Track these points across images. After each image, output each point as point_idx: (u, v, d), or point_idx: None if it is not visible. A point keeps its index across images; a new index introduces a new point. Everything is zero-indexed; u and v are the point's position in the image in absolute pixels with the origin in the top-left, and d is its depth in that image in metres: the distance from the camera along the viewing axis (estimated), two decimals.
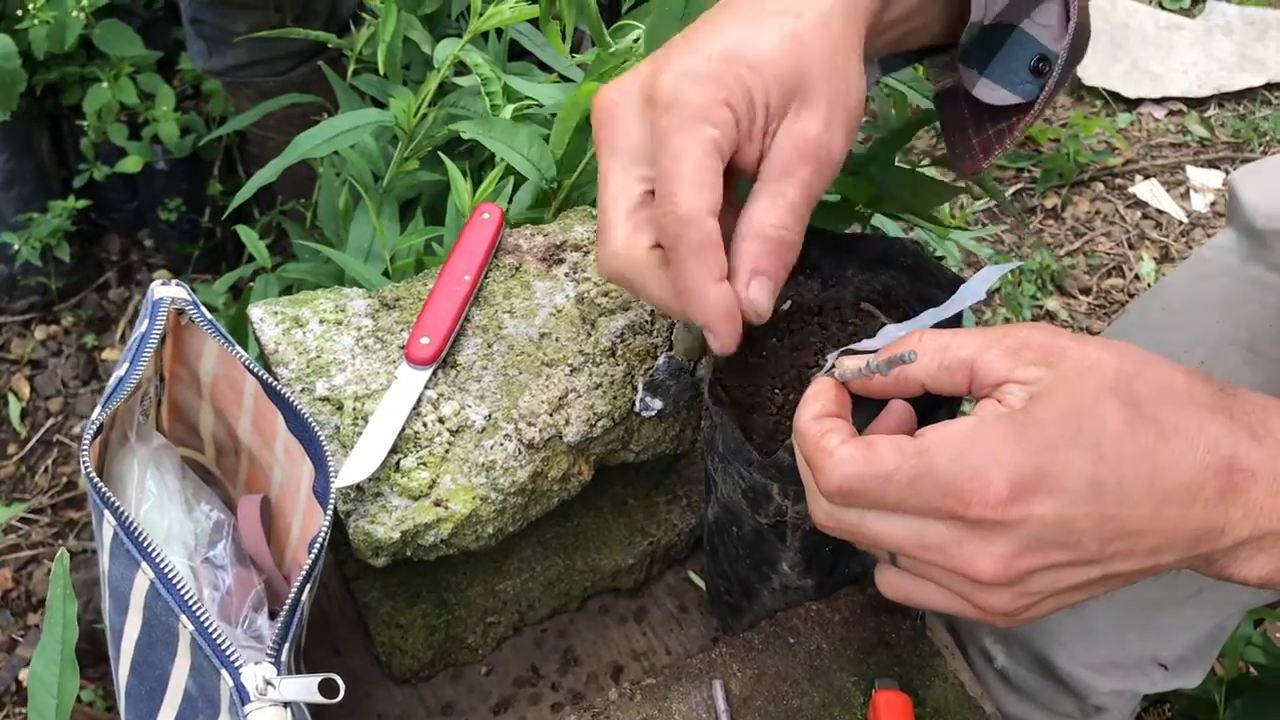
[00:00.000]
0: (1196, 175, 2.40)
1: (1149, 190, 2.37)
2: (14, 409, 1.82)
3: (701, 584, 0.85)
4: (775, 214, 0.59)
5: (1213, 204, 2.34)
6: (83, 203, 1.88)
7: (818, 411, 0.57)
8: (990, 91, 0.72)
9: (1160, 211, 2.33)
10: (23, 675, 1.54)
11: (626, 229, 0.60)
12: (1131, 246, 2.26)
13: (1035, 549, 0.52)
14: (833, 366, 0.60)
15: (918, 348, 0.56)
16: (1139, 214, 2.32)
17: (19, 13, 1.68)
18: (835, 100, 0.60)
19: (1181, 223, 2.30)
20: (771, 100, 0.59)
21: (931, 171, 1.17)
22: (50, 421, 1.83)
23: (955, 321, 0.63)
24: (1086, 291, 2.17)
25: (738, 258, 0.60)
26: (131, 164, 1.84)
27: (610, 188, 0.61)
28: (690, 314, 0.60)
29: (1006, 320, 2.07)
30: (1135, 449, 0.51)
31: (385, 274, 1.06)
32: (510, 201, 1.00)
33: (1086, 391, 0.52)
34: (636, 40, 0.97)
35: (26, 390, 1.86)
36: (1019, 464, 0.51)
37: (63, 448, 1.81)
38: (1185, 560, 0.55)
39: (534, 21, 1.08)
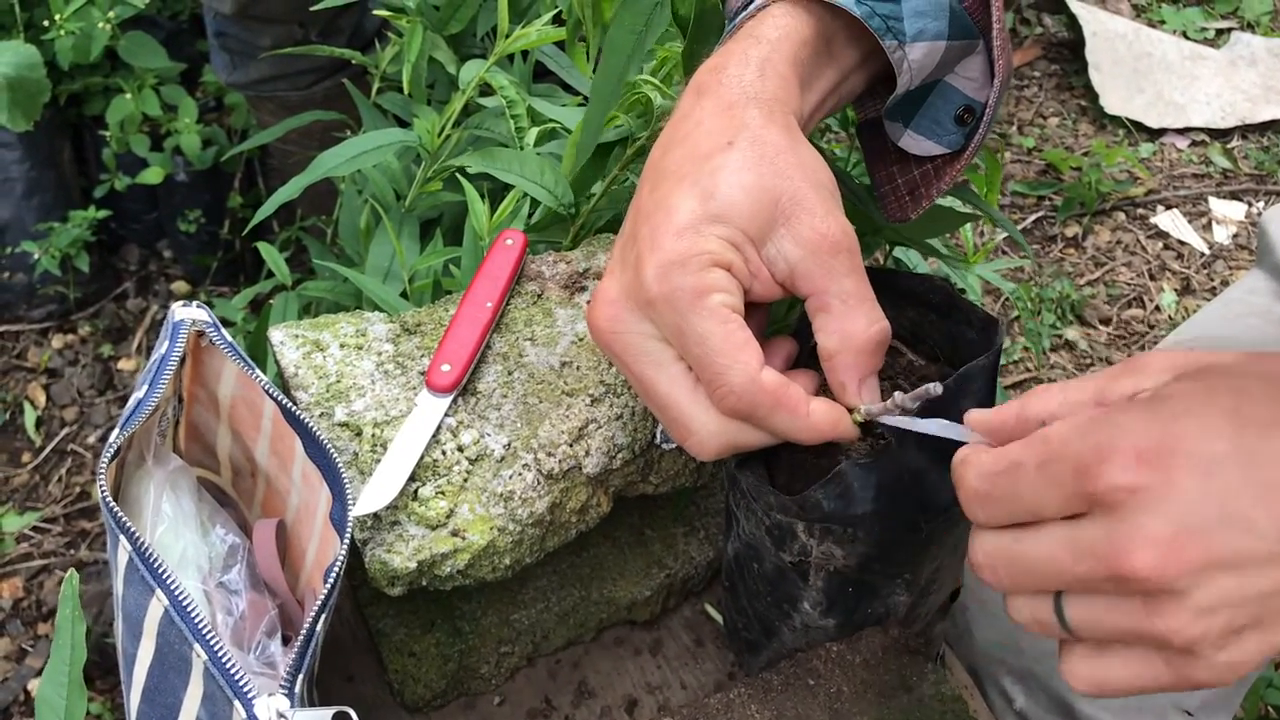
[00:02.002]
0: (1219, 207, 2.38)
1: (1171, 221, 2.35)
2: (29, 417, 1.83)
3: (718, 617, 0.84)
4: (854, 319, 0.60)
5: (1235, 236, 2.33)
6: (103, 213, 1.88)
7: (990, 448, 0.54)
8: (916, 143, 0.72)
9: (1182, 242, 2.31)
10: (32, 685, 1.53)
11: (699, 410, 0.61)
12: (1152, 277, 2.24)
13: (1192, 531, 0.45)
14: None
15: (1056, 400, 0.54)
16: (1160, 244, 2.31)
17: (45, 23, 1.69)
18: (806, 191, 0.60)
19: (1203, 254, 2.29)
20: (752, 235, 0.60)
21: (946, 200, 1.16)
22: (65, 431, 1.83)
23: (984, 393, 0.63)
24: (1107, 322, 2.16)
25: (843, 373, 0.61)
26: (153, 175, 1.85)
27: (662, 386, 0.61)
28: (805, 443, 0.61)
29: (1027, 350, 2.06)
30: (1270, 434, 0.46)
31: (404, 295, 1.05)
32: (528, 224, 0.99)
33: (1214, 381, 0.49)
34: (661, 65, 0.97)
35: (42, 399, 1.86)
36: (1146, 431, 0.46)
37: (77, 457, 1.81)
38: None
39: (560, 43, 1.07)
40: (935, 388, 0.54)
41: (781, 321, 0.89)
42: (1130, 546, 0.45)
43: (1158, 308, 2.18)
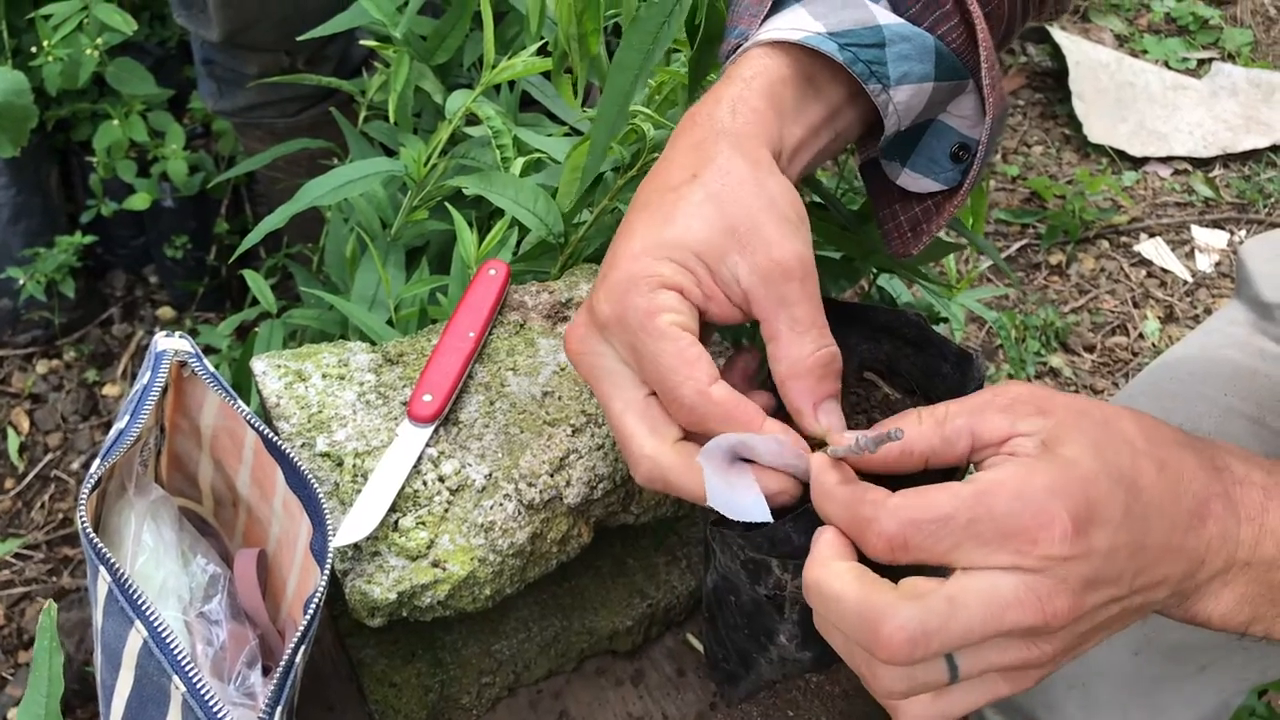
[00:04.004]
0: (1201, 235, 2.40)
1: (1154, 249, 2.37)
2: (12, 443, 1.82)
3: (700, 647, 0.84)
4: (799, 344, 0.61)
5: (1217, 264, 2.35)
6: (89, 238, 1.88)
7: (843, 477, 0.57)
8: (914, 181, 0.74)
9: (1165, 270, 2.33)
10: (11, 715, 1.52)
11: (643, 432, 0.62)
12: (1136, 305, 2.26)
13: (1093, 585, 0.52)
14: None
15: (917, 428, 0.57)
16: (1144, 272, 2.33)
17: (33, 49, 1.69)
18: (764, 219, 0.61)
19: (1186, 282, 2.31)
20: (708, 260, 0.61)
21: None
22: (49, 457, 1.83)
23: None
24: (1091, 349, 2.17)
25: (796, 398, 0.61)
26: (139, 201, 1.85)
27: (616, 405, 0.63)
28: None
29: (1010, 377, 2.06)
30: (1146, 480, 0.54)
31: (389, 323, 1.06)
32: (516, 253, 1.00)
33: (1093, 432, 0.54)
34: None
35: (26, 424, 1.86)
36: (1075, 497, 0.52)
37: (60, 483, 1.80)
38: (1170, 598, 0.56)
39: (546, 73, 1.08)
40: (897, 433, 0.54)
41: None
42: (1056, 599, 0.51)
43: (1141, 335, 2.20)
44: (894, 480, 0.58)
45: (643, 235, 0.62)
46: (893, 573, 0.54)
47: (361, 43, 1.22)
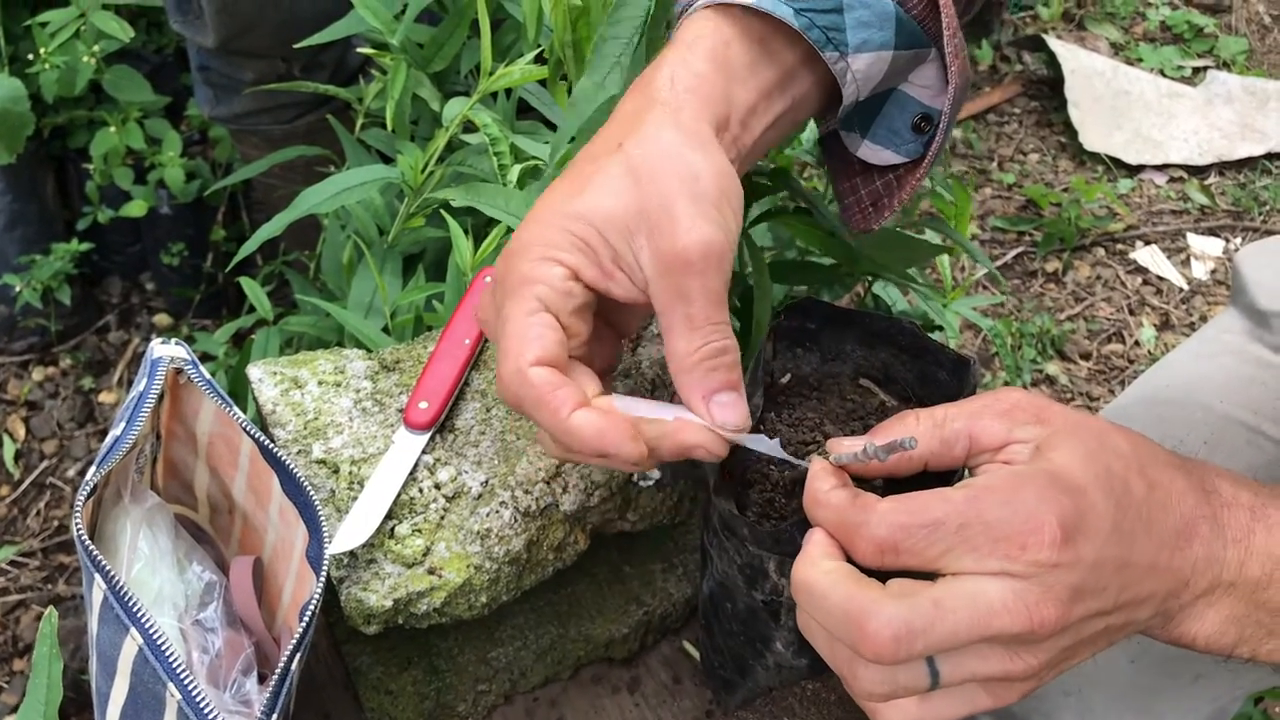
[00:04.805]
0: (1197, 242, 2.41)
1: (1150, 256, 2.38)
2: (8, 450, 1.82)
3: (696, 654, 0.84)
4: (688, 339, 0.59)
5: (1213, 271, 2.35)
6: (85, 246, 1.88)
7: (836, 484, 0.57)
8: (875, 153, 0.72)
9: (1161, 278, 2.33)
10: None
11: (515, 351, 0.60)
12: (1132, 312, 2.26)
13: (1080, 595, 0.52)
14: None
15: (915, 430, 0.57)
16: (1140, 280, 2.33)
17: (30, 56, 1.69)
18: (677, 200, 0.58)
19: (1182, 289, 2.31)
20: (610, 238, 0.59)
21: (921, 233, 1.17)
22: (44, 464, 1.82)
23: None
24: (1087, 357, 2.17)
25: (684, 392, 0.60)
26: (136, 208, 1.85)
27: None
28: (577, 456, 0.61)
29: (1006, 384, 2.07)
30: (1136, 497, 0.54)
31: (385, 330, 1.06)
32: None
33: (1088, 443, 0.54)
34: None
35: (22, 432, 1.86)
36: (1064, 505, 0.51)
37: (56, 490, 1.80)
38: (1154, 618, 0.56)
39: (542, 81, 1.08)
40: (910, 442, 0.54)
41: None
42: (1043, 605, 0.51)
43: (1137, 343, 2.20)
44: (888, 483, 0.58)
45: (552, 202, 0.60)
46: (882, 578, 0.54)
47: (358, 50, 1.22)
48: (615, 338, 0.68)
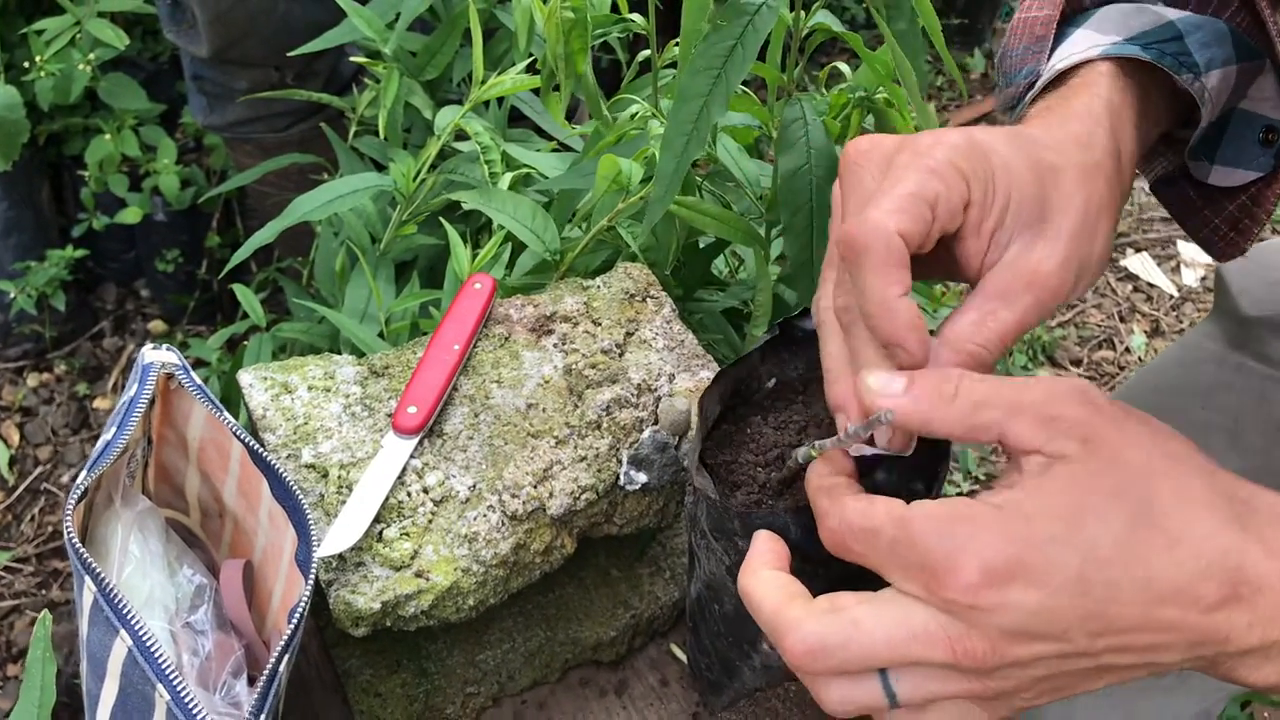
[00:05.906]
0: (1187, 250, 2.42)
1: (1140, 263, 2.39)
2: (3, 456, 1.82)
3: (683, 657, 0.85)
4: (983, 333, 0.58)
5: (1203, 279, 2.36)
6: (81, 252, 1.89)
7: (831, 470, 0.58)
8: (1227, 175, 0.72)
9: (1151, 285, 2.35)
10: None
11: (826, 287, 0.60)
12: (1123, 319, 2.27)
13: (1020, 637, 0.50)
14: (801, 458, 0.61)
15: (950, 402, 0.54)
16: (1130, 287, 2.34)
17: (25, 64, 1.70)
18: (1077, 246, 0.58)
19: (1172, 296, 2.32)
20: (1012, 206, 0.58)
21: None
22: (39, 470, 1.83)
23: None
24: (1077, 363, 2.18)
25: (932, 363, 0.58)
26: (131, 215, 1.86)
27: (831, 232, 0.61)
28: (876, 333, 0.57)
29: None
30: (1132, 553, 0.50)
31: (380, 336, 1.07)
32: (509, 269, 1.01)
33: (1101, 490, 0.51)
34: (635, 115, 0.99)
35: (16, 438, 1.86)
36: (996, 552, 0.50)
37: (50, 496, 1.80)
38: (1188, 661, 0.54)
39: (535, 89, 1.09)
40: (887, 415, 0.54)
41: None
42: (968, 639, 0.50)
43: (1128, 349, 2.21)
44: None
45: (989, 143, 0.59)
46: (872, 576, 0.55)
47: (351, 58, 1.23)
48: None
